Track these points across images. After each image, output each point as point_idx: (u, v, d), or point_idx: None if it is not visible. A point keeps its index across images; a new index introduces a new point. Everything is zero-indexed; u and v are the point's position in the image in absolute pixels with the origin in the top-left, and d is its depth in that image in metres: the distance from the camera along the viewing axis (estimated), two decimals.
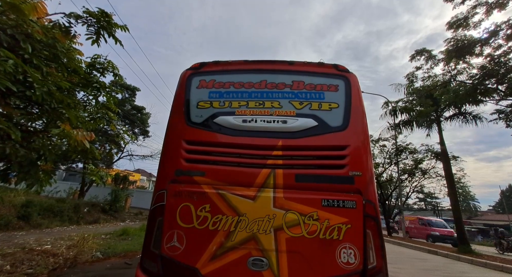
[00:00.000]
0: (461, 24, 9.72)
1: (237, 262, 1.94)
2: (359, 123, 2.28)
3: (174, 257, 2.01)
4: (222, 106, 2.46)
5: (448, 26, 10.08)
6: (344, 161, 2.13)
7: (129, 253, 6.78)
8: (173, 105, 2.59)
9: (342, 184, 2.06)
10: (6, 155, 2.39)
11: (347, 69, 2.53)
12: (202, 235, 2.03)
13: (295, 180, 2.09)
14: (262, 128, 2.30)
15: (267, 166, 2.16)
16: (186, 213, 2.10)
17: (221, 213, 2.06)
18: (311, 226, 1.95)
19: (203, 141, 2.34)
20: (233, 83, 2.56)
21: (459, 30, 9.85)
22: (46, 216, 12.32)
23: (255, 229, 1.99)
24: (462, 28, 9.79)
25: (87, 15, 3.66)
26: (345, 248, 1.90)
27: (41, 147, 2.71)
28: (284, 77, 2.53)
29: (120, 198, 17.84)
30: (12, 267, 4.69)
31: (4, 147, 2.35)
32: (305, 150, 2.20)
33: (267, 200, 2.06)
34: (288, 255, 1.91)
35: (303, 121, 2.28)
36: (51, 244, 7.23)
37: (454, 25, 9.88)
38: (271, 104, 2.41)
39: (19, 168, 2.59)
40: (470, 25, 9.56)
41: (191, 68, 2.72)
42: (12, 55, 2.24)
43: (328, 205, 1.99)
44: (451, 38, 10.09)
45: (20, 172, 2.62)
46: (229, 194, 2.11)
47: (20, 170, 2.61)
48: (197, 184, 2.18)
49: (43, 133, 3.06)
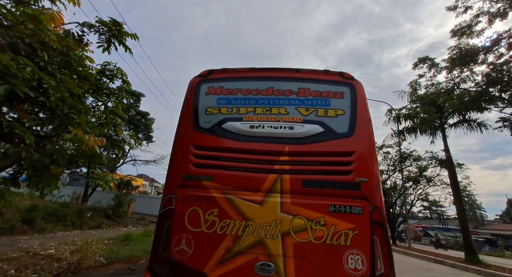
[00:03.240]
0: (465, 32, 9.82)
1: (244, 267, 1.95)
2: (365, 130, 2.31)
3: (182, 261, 2.03)
4: (230, 112, 2.51)
5: (452, 34, 10.18)
6: (350, 167, 2.15)
7: (132, 258, 6.76)
8: (182, 111, 2.65)
9: (349, 190, 2.08)
10: (22, 159, 2.46)
11: (353, 76, 2.59)
12: (210, 239, 2.05)
13: (302, 185, 2.12)
14: (269, 134, 2.34)
15: (274, 171, 2.19)
16: (195, 217, 2.13)
17: (229, 217, 2.09)
18: (318, 232, 1.97)
19: (211, 146, 2.38)
20: (240, 89, 2.62)
21: (463, 38, 9.94)
22: (50, 221, 12.33)
23: (262, 234, 2.01)
24: (466, 36, 9.87)
25: (99, 24, 3.79)
26: (352, 254, 1.90)
27: (54, 151, 2.78)
28: (290, 84, 2.59)
29: (123, 203, 17.84)
30: (17, 271, 4.71)
31: (20, 151, 2.42)
32: (311, 155, 2.23)
33: (274, 205, 2.08)
34: (295, 260, 1.92)
35: (309, 127, 2.32)
36: (55, 249, 7.24)
37: (458, 33, 9.98)
38: (278, 111, 2.46)
39: (33, 172, 2.65)
40: (473, 33, 9.65)
41: (199, 75, 2.79)
42: (30, 63, 2.33)
43: (335, 211, 2.01)
44: (454, 46, 10.18)
45: (34, 176, 2.68)
46: (237, 198, 2.13)
47: (34, 174, 2.67)
48: (205, 189, 2.21)
49: (55, 138, 3.13)
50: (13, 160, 2.50)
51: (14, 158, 2.45)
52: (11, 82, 2.14)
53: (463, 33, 9.85)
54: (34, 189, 3.26)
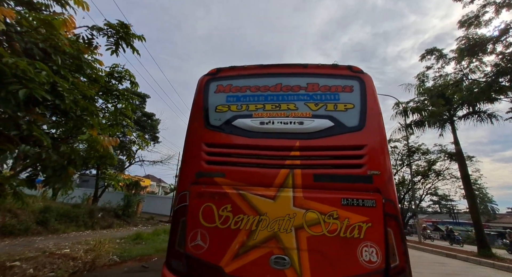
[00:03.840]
0: (472, 22, 9.62)
1: (259, 261, 1.99)
2: (376, 123, 2.32)
3: (198, 256, 2.08)
4: (240, 109, 2.54)
5: (459, 25, 9.99)
6: (362, 161, 2.16)
7: (145, 256, 6.90)
8: (192, 110, 2.69)
9: (361, 183, 2.09)
10: (42, 160, 2.54)
11: (362, 70, 2.58)
12: (224, 234, 2.10)
13: (313, 179, 2.14)
14: (279, 130, 2.36)
15: (286, 167, 2.22)
16: (209, 213, 2.18)
17: (242, 212, 2.12)
18: (331, 225, 1.99)
19: (222, 143, 2.42)
20: (249, 87, 2.65)
21: (470, 28, 9.74)
22: (63, 222, 12.63)
23: (276, 228, 2.04)
24: (473, 26, 9.68)
25: (108, 27, 3.86)
26: (366, 246, 1.92)
27: (71, 152, 2.86)
28: (298, 79, 2.60)
29: (132, 203, 18.14)
30: (35, 270, 4.87)
31: (40, 152, 2.50)
32: (322, 150, 2.25)
33: (286, 199, 2.11)
34: (310, 254, 1.95)
35: (319, 122, 2.34)
36: (70, 248, 7.43)
37: (465, 23, 9.78)
38: (287, 106, 2.47)
39: (52, 172, 2.74)
40: (481, 23, 9.45)
41: (208, 74, 2.83)
42: (45, 67, 2.41)
43: (347, 204, 2.02)
44: (462, 37, 9.99)
45: (53, 176, 2.77)
46: (250, 194, 2.17)
47: (53, 174, 2.76)
48: (217, 185, 2.26)
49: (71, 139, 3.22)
50: (34, 161, 2.58)
51: (34, 159, 2.53)
52: (28, 86, 2.22)
53: (470, 24, 9.66)
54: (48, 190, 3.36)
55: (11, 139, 2.45)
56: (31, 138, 2.52)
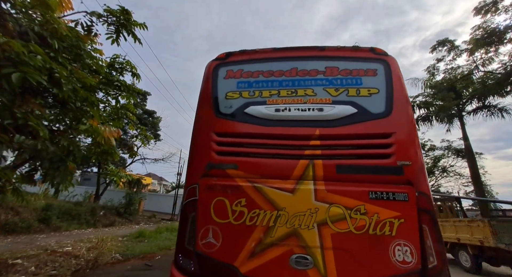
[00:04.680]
0: (489, 9, 9.18)
1: (278, 260, 1.80)
2: (403, 109, 2.11)
3: (210, 255, 1.89)
4: (252, 96, 2.34)
5: (475, 12, 9.54)
6: (390, 150, 1.95)
7: (147, 255, 6.75)
8: (200, 97, 2.49)
9: (390, 175, 1.89)
10: (38, 151, 2.36)
11: (386, 52, 2.37)
12: (239, 231, 1.91)
13: (337, 171, 1.94)
14: (296, 117, 2.16)
15: (305, 157, 2.02)
16: (221, 208, 1.98)
17: (258, 207, 1.93)
18: (359, 221, 1.79)
19: (234, 132, 2.22)
20: (262, 72, 2.44)
21: (487, 15, 9.31)
22: (65, 219, 12.54)
23: (296, 224, 1.84)
24: (490, 13, 9.24)
25: (108, 13, 3.65)
26: (399, 245, 1.72)
27: (70, 143, 2.67)
28: (316, 63, 2.39)
29: (134, 201, 18.01)
30: (37, 268, 4.72)
31: (36, 143, 2.31)
32: (345, 139, 2.04)
33: (307, 193, 1.91)
34: (335, 253, 1.75)
35: (340, 109, 2.13)
36: (72, 246, 7.29)
37: (481, 10, 9.34)
38: (304, 92, 2.27)
39: (49, 164, 2.55)
40: (499, 10, 9.01)
41: (217, 59, 2.62)
42: (40, 50, 2.21)
43: (376, 198, 1.82)
44: (478, 26, 9.56)
45: (51, 168, 2.58)
46: (266, 187, 1.97)
47: (50, 167, 2.57)
48: (230, 178, 2.06)
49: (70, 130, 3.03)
50: (29, 152, 2.40)
51: (30, 151, 2.35)
52: (23, 70, 2.02)
53: (487, 11, 9.22)
54: (49, 186, 3.18)
55: (6, 129, 2.27)
56: (27, 128, 2.34)
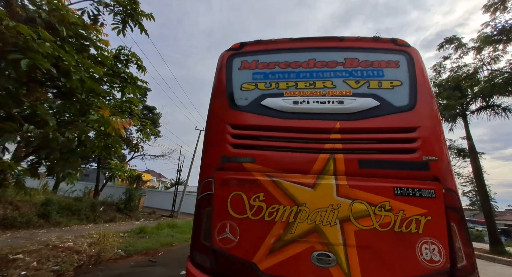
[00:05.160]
0: (498, 7, 9.06)
1: (299, 257, 1.73)
2: (428, 102, 2.03)
3: (227, 251, 1.82)
4: (269, 87, 2.26)
5: (484, 9, 9.41)
6: (415, 145, 1.88)
7: (150, 250, 6.69)
8: (214, 88, 2.41)
9: (415, 171, 1.81)
10: (49, 141, 2.26)
11: (407, 43, 2.28)
12: (257, 227, 1.83)
13: (359, 166, 1.86)
14: (315, 110, 2.08)
15: (325, 151, 1.94)
16: (238, 203, 1.91)
17: (278, 202, 1.85)
18: (384, 218, 1.71)
19: (251, 125, 2.14)
20: (278, 63, 2.36)
21: (496, 13, 9.19)
22: (65, 215, 12.47)
23: (317, 221, 1.77)
24: (499, 11, 9.12)
25: (114, 3, 3.54)
26: (426, 243, 1.65)
27: (80, 133, 2.58)
28: (334, 54, 2.31)
29: (134, 198, 17.95)
30: (38, 263, 4.64)
31: (47, 132, 2.22)
32: (367, 132, 1.97)
33: (328, 188, 1.83)
34: (359, 250, 1.68)
35: (362, 101, 2.05)
36: (73, 242, 7.22)
37: (491, 8, 9.21)
38: (323, 84, 2.19)
39: (60, 155, 2.46)
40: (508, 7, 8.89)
41: (231, 49, 2.54)
42: (49, 36, 2.12)
43: (401, 194, 1.75)
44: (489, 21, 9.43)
45: (61, 159, 2.50)
46: (285, 182, 1.89)
47: (60, 157, 2.48)
48: (247, 172, 1.98)
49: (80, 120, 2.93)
50: (39, 142, 2.30)
51: (40, 140, 2.25)
52: (32, 57, 1.93)
53: (496, 9, 9.10)
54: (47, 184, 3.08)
55: (14, 118, 2.17)
56: (34, 118, 2.25)
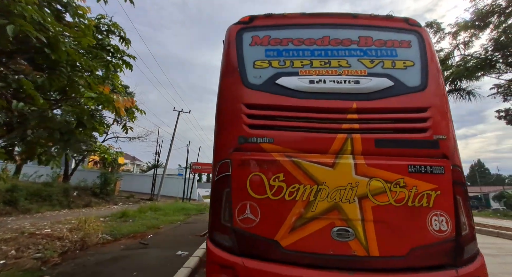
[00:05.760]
0: None
1: (320, 233, 1.79)
2: (438, 83, 2.10)
3: (249, 230, 1.83)
4: (283, 65, 2.18)
5: None
6: (427, 124, 1.96)
7: (138, 234, 6.56)
8: (224, 65, 2.27)
9: (427, 149, 1.91)
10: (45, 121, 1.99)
11: (419, 23, 2.31)
12: (278, 206, 1.85)
13: (375, 145, 1.92)
14: (332, 90, 2.06)
15: (342, 131, 1.96)
16: (258, 183, 1.89)
17: (298, 182, 1.87)
18: (399, 194, 1.82)
19: (267, 104, 2.08)
20: (291, 39, 2.26)
21: None
22: (34, 201, 11.69)
23: (337, 198, 1.83)
24: None
25: None
26: (436, 215, 1.79)
27: (81, 111, 2.30)
28: (349, 32, 2.27)
29: (110, 181, 17.20)
30: (18, 251, 4.35)
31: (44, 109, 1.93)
32: (383, 112, 2.01)
33: (347, 167, 1.88)
34: (376, 224, 1.78)
35: (377, 81, 2.07)
36: (50, 228, 6.83)
37: None
38: (338, 63, 2.16)
39: (60, 135, 2.20)
40: None
41: (239, 22, 2.38)
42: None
43: (415, 171, 1.85)
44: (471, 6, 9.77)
45: (61, 140, 2.23)
46: (304, 161, 1.90)
47: (61, 138, 2.22)
48: (265, 152, 1.96)
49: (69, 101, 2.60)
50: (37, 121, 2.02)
51: (36, 119, 1.98)
52: (17, 23, 1.63)
53: None
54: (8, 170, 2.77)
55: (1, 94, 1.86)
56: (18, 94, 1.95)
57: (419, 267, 1.71)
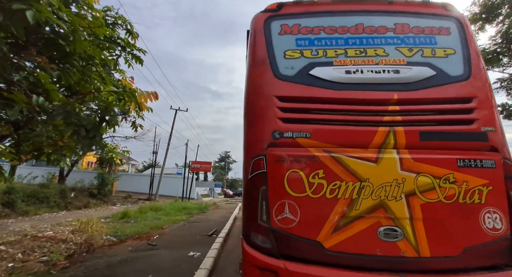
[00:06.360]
0: None
1: (365, 233, 1.67)
2: (481, 72, 1.99)
3: (288, 230, 1.71)
4: (316, 55, 2.04)
5: None
6: (473, 115, 1.85)
7: (142, 235, 6.38)
8: (252, 56, 2.14)
9: (475, 142, 1.80)
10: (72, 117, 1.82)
11: (457, 9, 2.19)
12: (319, 205, 1.72)
13: (420, 138, 1.80)
14: (370, 80, 1.94)
15: (384, 124, 1.84)
16: (296, 181, 1.76)
17: (339, 179, 1.74)
18: (448, 190, 1.70)
19: (301, 96, 1.94)
20: (323, 28, 2.13)
21: None
22: (32, 203, 11.42)
23: (382, 196, 1.70)
24: None
25: None
26: (489, 212, 1.68)
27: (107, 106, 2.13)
28: (383, 19, 2.15)
29: (108, 182, 16.90)
30: (24, 255, 4.18)
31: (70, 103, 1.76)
32: (425, 104, 1.89)
33: (392, 162, 1.76)
34: (425, 223, 1.66)
35: (418, 70, 1.95)
36: (52, 231, 6.62)
37: None
38: (375, 52, 2.03)
39: (86, 132, 2.03)
40: None
41: (266, 11, 2.23)
42: None
43: (464, 166, 1.73)
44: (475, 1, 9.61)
45: (86, 137, 2.07)
46: (345, 157, 1.78)
47: (86, 136, 2.05)
48: (302, 147, 1.83)
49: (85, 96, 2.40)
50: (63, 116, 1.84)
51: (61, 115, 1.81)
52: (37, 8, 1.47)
53: None
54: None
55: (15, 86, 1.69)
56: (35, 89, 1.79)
57: (473, 267, 1.60)
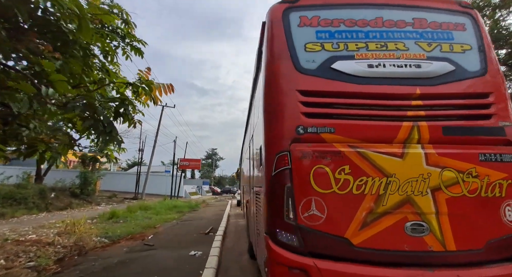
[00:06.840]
0: None
1: (392, 229, 1.67)
2: (496, 67, 2.03)
3: (315, 228, 1.66)
4: (337, 48, 1.99)
5: None
6: (491, 110, 1.89)
7: (135, 235, 6.15)
8: (271, 49, 2.05)
9: (493, 136, 1.84)
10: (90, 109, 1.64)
11: (471, 5, 2.23)
12: (346, 201, 1.69)
13: (443, 133, 1.81)
14: (393, 74, 1.92)
15: (408, 119, 1.83)
16: (322, 177, 1.72)
17: (365, 174, 1.72)
18: (472, 184, 1.73)
19: (324, 91, 1.89)
20: (342, 20, 2.08)
21: None
22: (8, 204, 10.72)
23: (409, 191, 1.70)
24: None
25: None
26: (509, 205, 1.72)
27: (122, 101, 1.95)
28: (402, 13, 2.14)
29: (91, 181, 16.16)
30: (7, 261, 3.86)
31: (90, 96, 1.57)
32: (447, 98, 1.91)
33: (417, 157, 1.76)
34: (451, 217, 1.68)
35: (438, 65, 1.96)
36: (35, 234, 6.22)
37: None
38: (396, 46, 2.02)
39: (103, 127, 1.85)
40: None
41: (284, 1, 2.15)
42: None
43: (486, 160, 1.76)
44: None
45: (103, 133, 1.89)
46: (371, 152, 1.75)
47: (103, 131, 1.87)
48: (327, 143, 1.79)
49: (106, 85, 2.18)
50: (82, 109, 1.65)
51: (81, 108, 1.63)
52: None
53: None
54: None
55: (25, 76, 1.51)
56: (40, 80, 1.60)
57: (497, 259, 1.64)
